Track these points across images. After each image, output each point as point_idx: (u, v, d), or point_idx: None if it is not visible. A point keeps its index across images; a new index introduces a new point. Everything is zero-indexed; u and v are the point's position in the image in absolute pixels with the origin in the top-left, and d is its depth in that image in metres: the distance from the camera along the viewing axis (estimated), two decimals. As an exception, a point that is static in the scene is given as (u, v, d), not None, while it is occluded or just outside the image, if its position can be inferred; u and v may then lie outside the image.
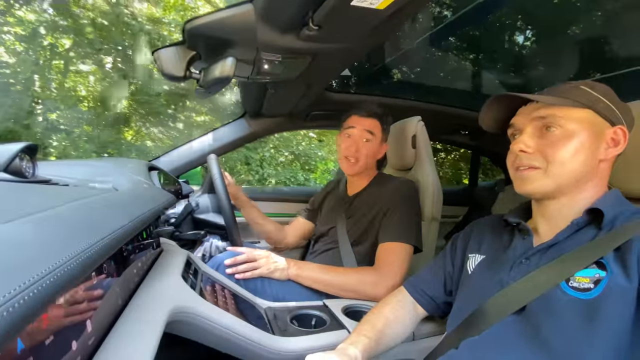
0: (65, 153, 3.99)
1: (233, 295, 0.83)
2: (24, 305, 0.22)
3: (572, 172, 0.54)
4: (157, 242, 0.84)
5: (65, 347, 0.33)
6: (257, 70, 0.94)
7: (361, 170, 1.16)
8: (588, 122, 0.54)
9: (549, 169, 0.55)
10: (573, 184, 0.55)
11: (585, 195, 0.56)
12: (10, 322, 0.21)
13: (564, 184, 0.55)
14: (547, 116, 0.55)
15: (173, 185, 1.22)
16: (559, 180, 0.55)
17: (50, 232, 0.32)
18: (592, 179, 0.56)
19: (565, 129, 0.54)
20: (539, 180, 0.56)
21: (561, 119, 0.54)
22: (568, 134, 0.54)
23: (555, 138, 0.54)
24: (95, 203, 0.51)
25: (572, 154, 0.53)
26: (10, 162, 0.61)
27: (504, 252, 0.62)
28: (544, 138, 0.56)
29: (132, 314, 0.50)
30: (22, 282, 0.23)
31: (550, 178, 0.55)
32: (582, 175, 0.54)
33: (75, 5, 3.91)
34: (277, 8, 0.70)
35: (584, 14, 1.59)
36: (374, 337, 0.66)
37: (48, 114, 4.07)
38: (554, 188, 0.56)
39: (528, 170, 0.57)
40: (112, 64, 4.31)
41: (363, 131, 1.12)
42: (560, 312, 0.49)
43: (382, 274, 0.97)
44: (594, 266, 0.49)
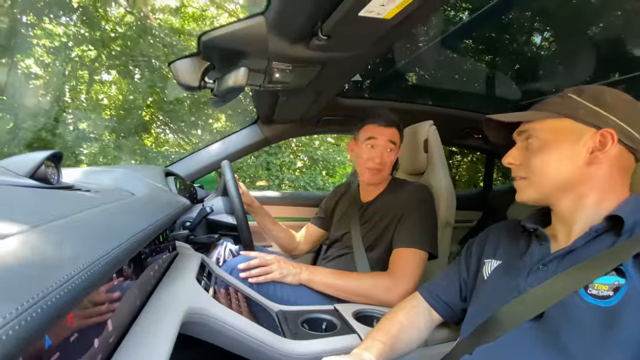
0: (95, 160, 4.17)
1: (246, 298, 0.85)
2: (55, 303, 0.24)
3: (552, 180, 0.57)
4: (172, 245, 0.88)
5: (87, 345, 0.35)
6: (268, 79, 0.97)
7: (383, 180, 1.17)
8: (563, 131, 0.57)
9: (531, 178, 0.59)
10: (559, 191, 0.57)
11: (589, 199, 0.56)
12: (44, 319, 0.23)
13: (549, 191, 0.58)
14: (526, 130, 0.61)
15: (188, 190, 1.26)
16: (541, 188, 0.58)
17: (77, 235, 0.35)
18: (587, 184, 0.56)
19: (540, 140, 0.58)
20: (525, 190, 0.61)
21: (537, 131, 0.59)
22: (543, 144, 0.58)
23: (533, 149, 0.59)
24: (116, 208, 0.54)
25: (548, 163, 0.57)
26: (36, 169, 0.65)
27: (521, 258, 0.62)
28: (526, 150, 0.61)
29: (149, 315, 0.52)
30: (54, 282, 0.25)
31: (533, 187, 0.59)
32: (566, 182, 0.56)
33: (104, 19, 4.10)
34: (288, 19, 0.73)
35: (603, 13, 1.55)
36: (388, 343, 0.66)
37: (78, 123, 4.27)
38: (539, 195, 0.59)
39: (519, 181, 0.62)
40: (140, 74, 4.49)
41: (387, 142, 1.11)
42: (579, 320, 0.48)
43: (396, 279, 0.96)
44: (613, 273, 0.49)
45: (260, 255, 1.01)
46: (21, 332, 0.20)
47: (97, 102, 4.68)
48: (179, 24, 5.00)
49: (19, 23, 3.87)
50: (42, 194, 0.53)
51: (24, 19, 3.98)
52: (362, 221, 1.17)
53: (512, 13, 1.65)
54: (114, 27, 4.31)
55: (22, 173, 0.64)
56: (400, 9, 0.61)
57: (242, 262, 1.00)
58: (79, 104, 4.49)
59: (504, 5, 1.53)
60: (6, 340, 0.19)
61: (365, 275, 1.03)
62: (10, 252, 0.25)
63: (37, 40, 4.05)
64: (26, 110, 3.79)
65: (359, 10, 0.61)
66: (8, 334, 0.19)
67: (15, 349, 0.20)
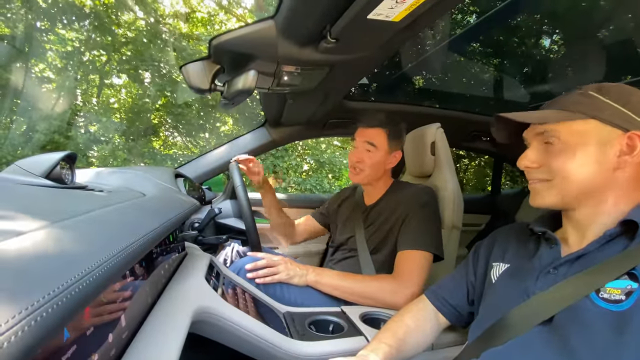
0: (106, 163, 4.24)
1: (253, 299, 0.86)
2: (73, 297, 0.25)
3: (577, 185, 0.54)
4: (182, 245, 0.89)
5: (103, 339, 0.36)
6: (277, 82, 0.98)
7: (368, 180, 1.17)
8: (590, 133, 0.53)
9: (554, 182, 0.55)
10: (583, 196, 0.55)
11: (610, 206, 0.54)
12: (61, 312, 0.24)
13: (571, 197, 0.55)
14: (546, 131, 0.56)
15: (197, 191, 1.27)
16: (564, 193, 0.55)
17: (92, 232, 0.36)
18: (611, 189, 0.54)
19: (564, 143, 0.54)
20: (546, 193, 0.57)
21: (560, 133, 0.55)
22: (568, 147, 0.54)
23: (555, 151, 0.55)
24: (128, 208, 0.56)
25: (574, 167, 0.53)
26: (51, 170, 0.67)
27: (530, 261, 0.61)
28: (546, 152, 0.57)
29: (160, 313, 0.53)
30: (73, 276, 0.26)
31: (555, 191, 0.56)
32: (591, 187, 0.53)
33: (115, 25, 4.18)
34: (297, 23, 0.74)
35: (613, 15, 1.54)
36: (395, 346, 0.65)
37: (89, 126, 4.36)
38: (560, 200, 0.56)
39: (537, 184, 0.58)
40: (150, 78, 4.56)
41: (364, 142, 1.15)
42: (590, 324, 0.47)
43: (401, 282, 0.96)
44: (626, 277, 0.48)
45: (267, 257, 1.02)
46: (40, 325, 0.21)
47: (107, 106, 4.78)
48: (188, 29, 5.08)
49: (34, 28, 3.98)
50: (57, 193, 0.55)
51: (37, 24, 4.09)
52: (366, 224, 1.17)
53: (520, 15, 1.64)
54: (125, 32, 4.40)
55: (37, 173, 0.65)
56: (409, 11, 0.62)
57: (250, 262, 1.00)
58: (91, 107, 4.58)
59: (512, 8, 1.53)
60: (27, 332, 0.20)
61: (372, 277, 1.03)
62: (28, 248, 0.26)
63: (50, 45, 4.15)
64: (39, 114, 3.88)
65: (368, 13, 0.61)
66: (30, 325, 0.20)
67: (35, 341, 0.21)
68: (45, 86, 4.26)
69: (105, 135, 4.39)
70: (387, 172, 1.21)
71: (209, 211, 1.22)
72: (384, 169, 1.17)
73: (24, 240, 0.27)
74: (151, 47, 4.39)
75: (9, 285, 0.21)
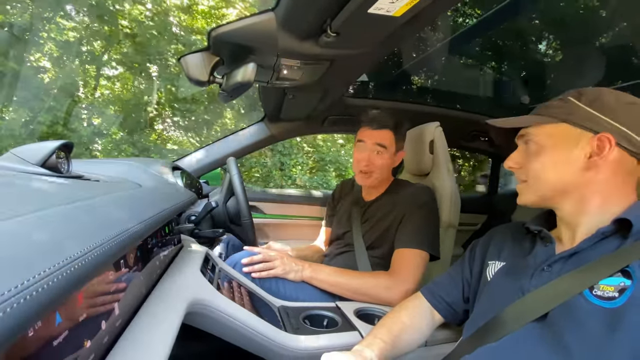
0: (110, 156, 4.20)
1: (248, 293, 0.86)
2: (64, 279, 0.25)
3: (548, 184, 0.58)
4: (178, 238, 0.89)
5: (95, 326, 0.36)
6: (276, 76, 0.97)
7: (376, 182, 1.16)
8: (559, 136, 0.57)
9: (529, 182, 0.60)
10: (559, 195, 0.58)
11: (595, 205, 0.56)
12: (53, 292, 0.23)
13: (546, 195, 0.59)
14: (525, 134, 0.61)
15: (194, 184, 1.27)
16: (539, 192, 0.59)
17: (84, 220, 0.36)
18: (588, 189, 0.55)
19: (537, 144, 0.59)
20: (524, 193, 0.62)
21: (534, 136, 0.60)
22: (538, 149, 0.59)
23: (531, 153, 0.60)
24: (123, 197, 0.55)
25: (543, 168, 0.58)
26: (47, 159, 0.66)
27: (525, 260, 0.62)
28: (526, 154, 0.62)
29: (154, 302, 0.53)
30: (65, 258, 0.26)
31: (531, 190, 0.60)
32: (564, 187, 0.57)
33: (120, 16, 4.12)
34: (297, 16, 0.73)
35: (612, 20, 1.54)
36: (390, 342, 0.66)
37: (92, 118, 4.31)
38: (537, 198, 0.60)
39: (519, 184, 0.63)
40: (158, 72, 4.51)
41: (374, 145, 1.11)
42: (583, 321, 0.48)
43: (397, 279, 0.97)
44: (619, 274, 0.48)
45: (263, 252, 1.02)
46: (28, 305, 0.21)
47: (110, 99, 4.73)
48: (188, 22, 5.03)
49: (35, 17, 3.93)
50: (52, 181, 0.54)
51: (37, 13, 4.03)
52: (363, 219, 1.18)
53: (520, 17, 1.64)
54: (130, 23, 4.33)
55: (33, 161, 0.65)
56: (410, 6, 0.61)
57: (246, 257, 1.01)
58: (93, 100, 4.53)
59: (512, 9, 1.52)
60: (14, 310, 0.20)
61: (368, 274, 1.03)
62: (19, 231, 0.26)
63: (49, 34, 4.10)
64: (41, 104, 3.83)
65: (369, 7, 0.61)
66: (19, 303, 0.20)
67: (21, 321, 0.20)
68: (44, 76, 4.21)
69: (108, 129, 4.36)
70: (390, 172, 1.21)
71: (205, 204, 1.21)
72: (389, 170, 1.17)
73: (15, 223, 0.27)
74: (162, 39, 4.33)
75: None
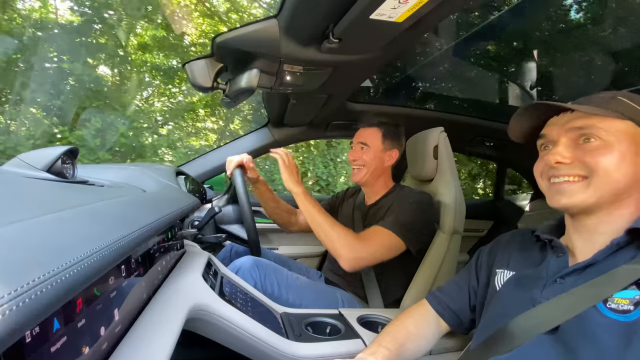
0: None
1: (250, 298, 0.85)
2: (60, 284, 0.25)
3: (615, 184, 0.51)
4: (180, 243, 0.89)
5: (95, 332, 0.36)
6: (280, 82, 0.98)
7: (367, 179, 1.20)
8: (629, 134, 0.51)
9: (593, 179, 0.52)
10: (613, 198, 0.52)
11: (624, 212, 0.53)
12: (50, 298, 0.23)
13: (606, 197, 0.52)
14: (585, 127, 0.53)
15: (198, 189, 1.27)
16: (602, 192, 0.51)
17: (88, 223, 0.36)
18: (632, 194, 0.52)
19: (604, 140, 0.51)
20: (580, 193, 0.53)
21: (601, 130, 0.51)
22: (608, 145, 0.51)
23: (594, 148, 0.52)
24: (127, 202, 0.55)
25: (615, 165, 0.50)
26: (53, 164, 0.67)
27: (536, 270, 0.60)
28: (580, 149, 0.53)
29: (155, 308, 0.53)
30: (63, 263, 0.25)
31: (593, 189, 0.52)
32: (623, 189, 0.51)
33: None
34: (300, 22, 0.74)
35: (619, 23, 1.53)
36: (394, 350, 0.65)
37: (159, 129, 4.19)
38: (595, 201, 0.52)
39: (567, 183, 0.54)
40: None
41: (358, 142, 1.21)
42: (597, 335, 0.46)
43: (360, 245, 0.97)
44: (634, 287, 0.47)
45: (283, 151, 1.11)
46: (27, 308, 0.21)
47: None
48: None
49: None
50: (57, 186, 0.55)
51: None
52: (364, 223, 1.20)
53: (526, 22, 1.63)
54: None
55: (39, 167, 0.66)
56: (412, 12, 0.62)
57: (248, 262, 1.00)
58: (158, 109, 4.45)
59: (517, 13, 1.52)
60: (13, 313, 0.19)
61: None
62: (21, 234, 0.26)
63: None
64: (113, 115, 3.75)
65: (371, 12, 0.61)
66: (18, 306, 0.20)
67: (19, 325, 0.20)
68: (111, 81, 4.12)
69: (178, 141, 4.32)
70: (385, 171, 1.22)
71: (209, 210, 1.21)
72: (381, 167, 1.20)
73: (16, 227, 0.27)
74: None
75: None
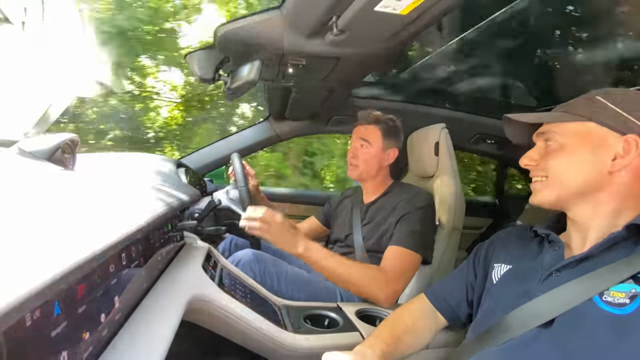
0: None
1: (250, 291, 0.86)
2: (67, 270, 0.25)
3: (570, 183, 0.55)
4: (180, 235, 0.89)
5: (95, 318, 0.36)
6: (282, 74, 0.97)
7: (363, 176, 1.20)
8: (586, 135, 0.55)
9: (549, 179, 0.58)
10: (578, 196, 0.55)
11: (608, 207, 0.54)
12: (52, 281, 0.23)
13: (564, 195, 0.56)
14: (545, 131, 0.59)
15: (198, 182, 1.27)
16: (559, 191, 0.57)
17: (85, 212, 0.36)
18: (608, 192, 0.53)
19: (558, 142, 0.57)
20: (542, 191, 0.59)
21: (555, 134, 0.57)
22: (561, 147, 0.56)
23: (552, 150, 0.58)
24: (126, 192, 0.55)
25: (566, 166, 0.55)
26: (53, 153, 0.67)
27: (532, 264, 0.61)
28: (545, 151, 0.59)
29: (155, 297, 0.53)
30: (62, 251, 0.25)
31: (550, 189, 0.57)
32: (585, 188, 0.54)
33: None
34: (304, 14, 0.73)
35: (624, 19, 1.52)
36: (392, 343, 0.65)
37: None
38: (555, 199, 0.57)
39: (535, 183, 0.60)
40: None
41: (358, 139, 1.19)
42: (591, 327, 0.47)
43: (388, 277, 0.96)
44: (631, 281, 0.47)
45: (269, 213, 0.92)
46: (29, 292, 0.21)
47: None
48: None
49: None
50: (57, 175, 0.55)
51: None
52: (363, 222, 1.18)
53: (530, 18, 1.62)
54: None
55: (40, 156, 0.66)
56: (416, 5, 0.61)
57: (248, 255, 1.00)
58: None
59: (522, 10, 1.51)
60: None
61: (360, 265, 0.99)
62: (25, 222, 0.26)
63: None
64: None
65: (375, 4, 0.61)
66: None
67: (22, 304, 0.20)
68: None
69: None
70: (383, 169, 1.21)
71: (209, 202, 1.22)
72: (379, 165, 1.19)
73: (18, 216, 0.27)
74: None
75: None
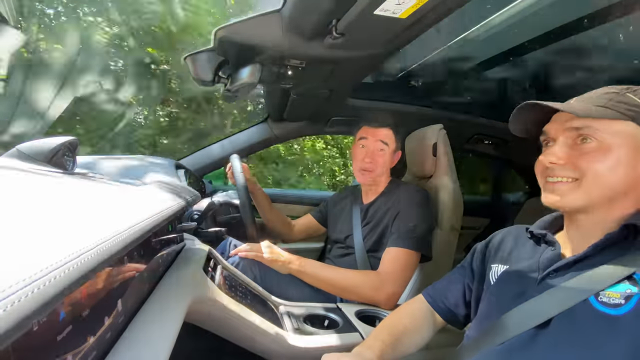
0: None
1: (250, 292, 0.86)
2: (67, 275, 0.25)
3: (606, 187, 0.50)
4: (180, 236, 0.89)
5: (98, 322, 0.36)
6: (281, 76, 0.98)
7: (376, 180, 1.19)
8: (628, 135, 0.50)
9: (583, 182, 0.51)
10: (607, 200, 0.51)
11: (622, 211, 0.52)
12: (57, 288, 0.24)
13: (597, 199, 0.51)
14: (582, 127, 0.52)
15: (197, 183, 1.27)
16: (592, 195, 0.51)
17: (86, 216, 0.36)
18: (630, 194, 0.52)
19: (601, 142, 0.50)
20: (570, 194, 0.53)
21: (597, 131, 0.50)
22: (605, 147, 0.50)
23: (590, 150, 0.51)
24: (126, 194, 0.56)
25: (608, 168, 0.50)
26: (53, 155, 0.67)
27: (529, 264, 0.61)
28: (576, 149, 0.52)
29: (156, 300, 0.53)
30: (66, 256, 0.26)
31: (582, 192, 0.52)
32: (618, 191, 0.51)
33: None
34: (303, 17, 0.73)
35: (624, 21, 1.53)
36: (390, 344, 0.65)
37: None
38: (585, 203, 0.52)
39: (559, 183, 0.54)
40: None
41: (377, 142, 1.14)
42: (587, 327, 0.47)
43: (386, 280, 0.97)
44: (626, 281, 0.47)
45: (251, 245, 1.04)
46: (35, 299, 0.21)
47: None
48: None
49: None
50: (57, 178, 0.55)
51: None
52: (363, 223, 1.19)
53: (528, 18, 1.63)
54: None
55: (39, 158, 0.66)
56: (416, 8, 0.61)
57: None
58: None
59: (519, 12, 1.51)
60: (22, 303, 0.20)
61: (356, 272, 1.03)
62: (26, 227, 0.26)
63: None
64: None
65: (375, 8, 0.61)
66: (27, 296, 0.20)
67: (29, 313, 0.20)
68: None
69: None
70: (388, 171, 1.22)
71: (209, 204, 1.22)
72: (389, 168, 1.19)
73: (20, 220, 0.27)
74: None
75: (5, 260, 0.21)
